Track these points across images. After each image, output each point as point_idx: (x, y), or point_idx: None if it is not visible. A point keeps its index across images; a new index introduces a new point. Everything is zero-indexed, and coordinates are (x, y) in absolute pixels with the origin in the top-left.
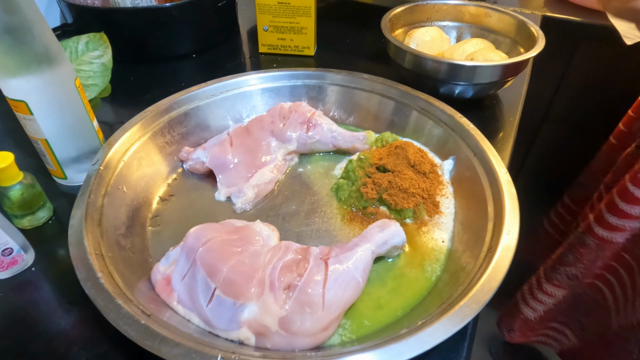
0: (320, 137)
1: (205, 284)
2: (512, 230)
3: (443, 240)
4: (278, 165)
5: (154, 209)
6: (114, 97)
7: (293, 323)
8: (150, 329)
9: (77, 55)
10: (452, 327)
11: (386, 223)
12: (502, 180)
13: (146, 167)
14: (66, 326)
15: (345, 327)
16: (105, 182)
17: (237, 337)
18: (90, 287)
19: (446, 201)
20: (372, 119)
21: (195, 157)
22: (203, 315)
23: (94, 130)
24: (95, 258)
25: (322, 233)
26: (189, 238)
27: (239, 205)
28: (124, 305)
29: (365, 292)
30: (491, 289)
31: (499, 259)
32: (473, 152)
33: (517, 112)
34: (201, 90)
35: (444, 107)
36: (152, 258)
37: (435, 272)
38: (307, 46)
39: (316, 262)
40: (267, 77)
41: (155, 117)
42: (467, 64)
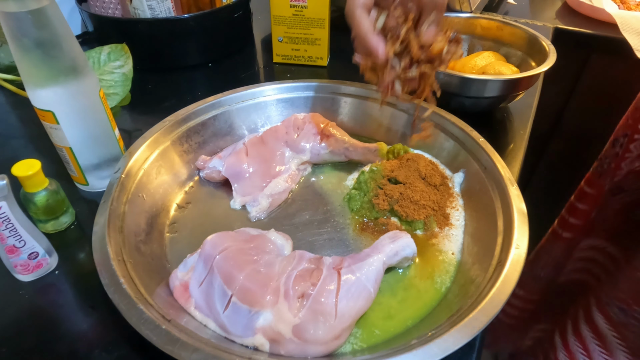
0: (333, 148)
1: (222, 291)
2: (521, 244)
3: (453, 252)
4: (292, 175)
5: (172, 215)
6: (133, 106)
7: (306, 331)
8: (170, 334)
9: (99, 66)
10: (461, 339)
11: (397, 234)
12: (511, 195)
13: (164, 175)
14: (88, 328)
15: (357, 335)
16: (127, 189)
17: (252, 343)
18: (113, 292)
19: (456, 213)
20: (384, 130)
21: (211, 165)
22: (219, 321)
23: (115, 138)
24: (117, 264)
25: (335, 242)
26: (206, 246)
27: (253, 214)
28: (145, 311)
29: (376, 302)
30: (500, 302)
31: (507, 273)
32: (483, 166)
33: (527, 125)
34: (218, 100)
35: (455, 120)
36: (170, 264)
37: (445, 283)
38: (320, 57)
39: (329, 271)
40: (282, 88)
41: (174, 127)
42: (478, 78)
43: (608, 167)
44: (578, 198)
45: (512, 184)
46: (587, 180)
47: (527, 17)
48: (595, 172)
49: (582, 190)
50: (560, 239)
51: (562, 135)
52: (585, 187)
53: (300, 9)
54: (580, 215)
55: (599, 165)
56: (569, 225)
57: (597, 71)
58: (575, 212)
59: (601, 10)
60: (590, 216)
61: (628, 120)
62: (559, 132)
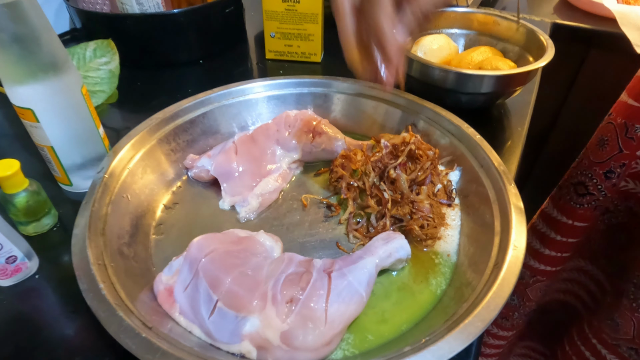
0: (325, 145)
1: (207, 296)
2: (519, 245)
3: (448, 254)
4: (283, 174)
5: (158, 217)
6: (120, 103)
7: (295, 337)
8: (151, 342)
9: (84, 62)
10: (456, 346)
11: (391, 235)
12: (509, 194)
13: (151, 175)
14: (68, 335)
15: (349, 341)
16: (110, 190)
17: (239, 350)
18: (92, 299)
19: (452, 213)
20: (379, 128)
21: (200, 165)
22: (205, 327)
23: (99, 137)
24: (97, 268)
25: (327, 244)
26: (192, 248)
27: (243, 215)
28: (125, 318)
29: (369, 306)
30: (497, 307)
31: (505, 275)
32: (480, 164)
33: (525, 121)
34: (207, 97)
35: (451, 117)
36: (155, 267)
37: (441, 286)
38: (314, 53)
39: (319, 275)
40: (273, 84)
41: (161, 125)
42: (475, 74)
43: (604, 198)
44: (568, 219)
45: (509, 182)
46: (581, 216)
47: (524, 12)
48: (589, 208)
49: (573, 223)
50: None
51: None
52: (577, 223)
53: (292, 3)
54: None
55: (593, 200)
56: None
57: (596, 67)
58: (562, 230)
59: (600, 5)
60: (578, 237)
61: (623, 151)
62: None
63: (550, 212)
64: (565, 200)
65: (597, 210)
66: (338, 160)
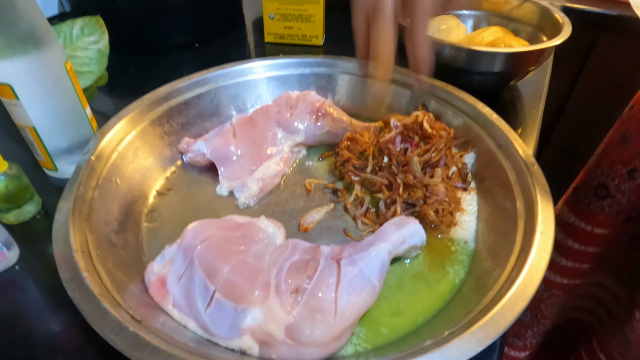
0: (330, 127)
1: (203, 286)
2: (547, 230)
3: (466, 241)
4: (285, 157)
5: (150, 203)
6: (111, 88)
7: (301, 331)
8: (139, 337)
9: (71, 41)
10: (483, 339)
11: (404, 220)
12: (532, 174)
13: (142, 159)
14: (50, 332)
15: (360, 335)
16: (97, 173)
17: (239, 346)
18: (74, 289)
19: (468, 197)
20: (386, 109)
21: (195, 148)
22: (201, 321)
23: (86, 118)
24: (81, 256)
25: (333, 231)
26: (186, 235)
27: (242, 200)
28: (110, 310)
29: (382, 297)
30: (527, 297)
31: (533, 262)
32: (497, 144)
33: (540, 104)
34: (202, 77)
35: (464, 96)
36: (147, 257)
37: (459, 275)
38: (315, 35)
39: (327, 262)
40: (274, 64)
41: (153, 105)
42: (488, 51)
43: (627, 202)
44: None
45: (532, 163)
46: (601, 221)
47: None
48: (611, 213)
49: (593, 230)
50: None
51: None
52: (597, 229)
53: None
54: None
55: (615, 203)
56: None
57: (607, 53)
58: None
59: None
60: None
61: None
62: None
63: (566, 217)
64: (584, 205)
65: (619, 217)
66: (344, 143)
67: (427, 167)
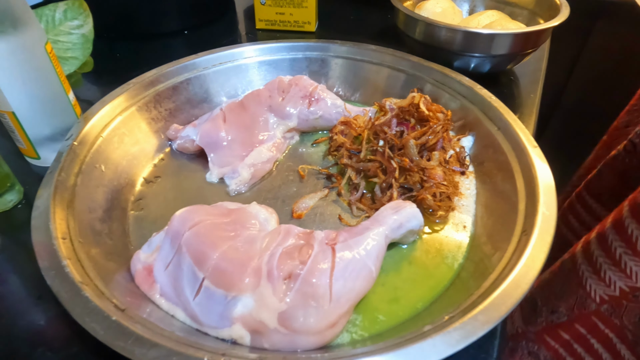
0: (323, 112)
1: (192, 274)
2: (550, 209)
3: (465, 226)
4: (277, 143)
5: (138, 191)
6: (97, 75)
7: (295, 319)
8: (122, 326)
9: (54, 25)
10: (485, 324)
11: (401, 204)
12: (532, 155)
13: (129, 145)
14: (32, 324)
15: (356, 323)
16: (80, 159)
17: (230, 335)
18: (53, 277)
19: (466, 181)
20: (381, 94)
21: (184, 135)
22: (189, 310)
23: (69, 103)
24: (62, 244)
25: (327, 217)
26: (174, 221)
27: (233, 187)
28: (92, 298)
29: (379, 283)
30: (529, 279)
31: (536, 244)
32: (497, 126)
33: (537, 88)
34: (191, 62)
35: (461, 78)
36: (134, 245)
37: (457, 259)
38: (307, 21)
39: (321, 247)
40: (265, 49)
41: (140, 90)
42: (485, 32)
43: None
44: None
45: (532, 144)
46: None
47: None
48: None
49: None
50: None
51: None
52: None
53: None
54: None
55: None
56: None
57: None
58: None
59: None
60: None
61: None
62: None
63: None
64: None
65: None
66: (337, 127)
67: (424, 150)
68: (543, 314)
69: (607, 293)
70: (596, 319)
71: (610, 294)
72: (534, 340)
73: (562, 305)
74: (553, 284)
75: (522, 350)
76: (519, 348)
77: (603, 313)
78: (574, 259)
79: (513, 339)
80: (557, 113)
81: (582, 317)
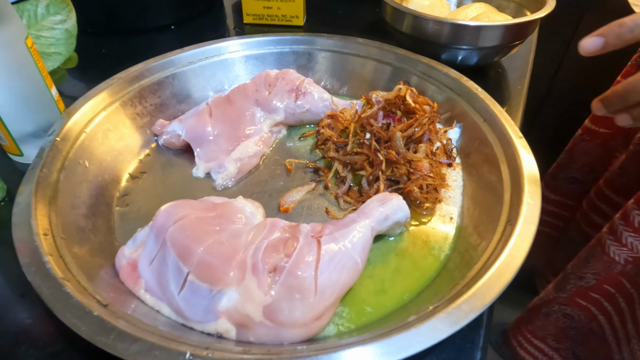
0: (310, 106)
1: (176, 269)
2: (534, 199)
3: (451, 217)
4: (264, 137)
5: (123, 187)
6: (82, 70)
7: (280, 311)
8: (104, 321)
9: (36, 20)
10: (469, 312)
11: (387, 196)
12: (518, 146)
13: (113, 141)
14: (15, 321)
15: (343, 315)
16: (63, 154)
17: (215, 329)
18: (34, 273)
19: (453, 173)
20: (368, 86)
21: (170, 130)
22: (174, 305)
23: (52, 99)
24: (43, 240)
25: (314, 210)
26: (159, 216)
27: (219, 182)
28: (74, 294)
29: (366, 274)
30: (513, 268)
31: (520, 233)
32: (483, 118)
33: (525, 80)
34: (177, 56)
35: (447, 70)
36: (119, 241)
37: (444, 250)
38: (295, 15)
39: (307, 240)
40: (251, 42)
41: (124, 85)
42: (472, 24)
43: None
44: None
45: (518, 135)
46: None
47: None
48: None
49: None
50: (597, 135)
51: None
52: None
53: None
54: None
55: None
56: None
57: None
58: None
59: None
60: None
61: None
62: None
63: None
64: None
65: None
66: (324, 121)
67: (411, 142)
68: (572, 281)
69: (631, 256)
70: (623, 278)
71: (634, 256)
72: (566, 303)
73: (589, 272)
74: (580, 257)
75: (556, 314)
76: (553, 312)
77: (629, 272)
78: (599, 236)
79: (546, 305)
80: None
81: (609, 278)
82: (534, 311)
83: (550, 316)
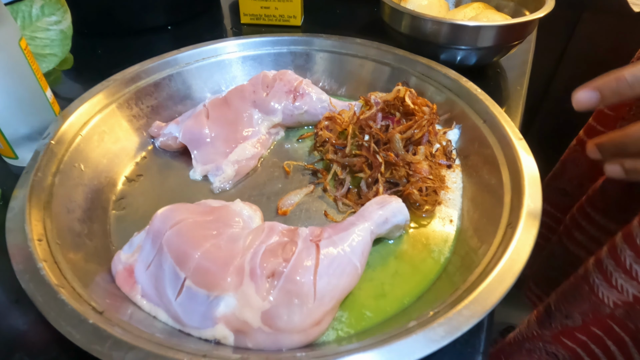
0: (308, 107)
1: (173, 274)
2: (535, 202)
3: (451, 220)
4: (261, 139)
5: (119, 190)
6: (78, 72)
7: (279, 317)
8: (99, 329)
9: (30, 21)
10: (470, 318)
11: (386, 199)
12: (518, 148)
13: (109, 143)
14: (9, 329)
15: (342, 320)
16: (58, 158)
17: (213, 335)
18: (28, 280)
19: (452, 175)
20: (366, 87)
21: (167, 132)
22: (172, 310)
23: (47, 101)
24: (37, 245)
25: (313, 213)
26: (155, 220)
27: (217, 184)
28: (69, 301)
29: (366, 278)
30: (514, 272)
31: (521, 237)
32: (482, 119)
33: (524, 80)
34: (173, 58)
35: (446, 71)
36: (115, 246)
37: (444, 254)
38: (293, 15)
39: (305, 244)
40: (249, 43)
41: (120, 87)
42: (471, 24)
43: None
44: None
45: (518, 137)
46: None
47: None
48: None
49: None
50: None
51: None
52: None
53: None
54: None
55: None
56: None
57: (590, 30)
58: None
59: None
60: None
61: None
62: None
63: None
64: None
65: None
66: (322, 123)
67: (410, 144)
68: (557, 319)
69: (621, 299)
70: (611, 322)
71: (624, 299)
72: (550, 341)
73: (575, 311)
74: (566, 292)
75: (540, 352)
76: (537, 349)
77: (618, 317)
78: (586, 270)
79: (530, 341)
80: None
81: (597, 321)
82: (515, 345)
83: (534, 353)
